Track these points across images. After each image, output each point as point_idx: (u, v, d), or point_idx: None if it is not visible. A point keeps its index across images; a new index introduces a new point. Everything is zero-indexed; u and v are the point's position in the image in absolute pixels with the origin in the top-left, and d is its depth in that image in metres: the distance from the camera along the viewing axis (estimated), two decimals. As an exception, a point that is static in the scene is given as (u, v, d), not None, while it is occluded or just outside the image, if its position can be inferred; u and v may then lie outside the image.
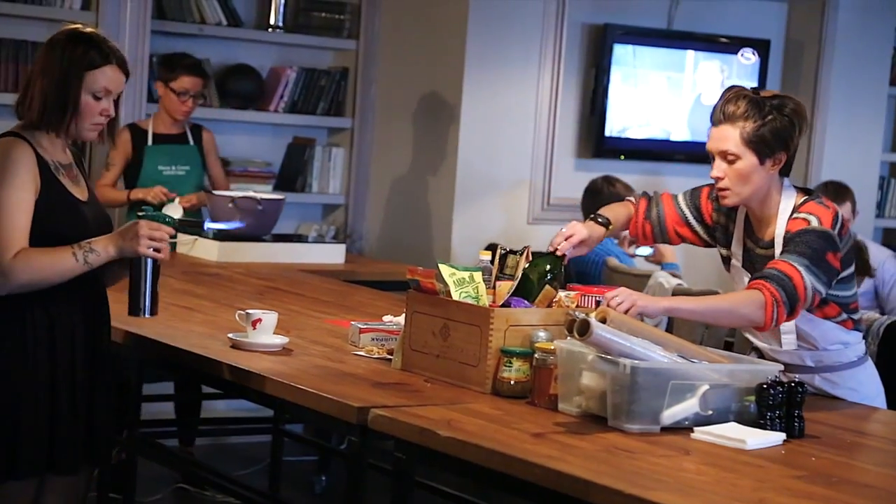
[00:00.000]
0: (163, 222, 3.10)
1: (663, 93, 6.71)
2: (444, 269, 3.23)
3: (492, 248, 3.40)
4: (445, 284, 3.22)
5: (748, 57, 6.86)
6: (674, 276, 5.20)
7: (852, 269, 3.25)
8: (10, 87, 5.69)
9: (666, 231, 3.46)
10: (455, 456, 2.68)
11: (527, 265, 3.20)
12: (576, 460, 2.56)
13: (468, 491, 4.37)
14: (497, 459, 2.60)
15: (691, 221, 3.43)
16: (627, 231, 3.55)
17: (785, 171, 3.25)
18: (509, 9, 6.23)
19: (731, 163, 3.20)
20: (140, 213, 3.17)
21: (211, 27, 6.18)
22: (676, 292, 4.99)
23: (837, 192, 5.81)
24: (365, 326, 3.57)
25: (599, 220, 3.39)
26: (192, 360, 3.34)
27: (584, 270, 5.71)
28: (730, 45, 6.84)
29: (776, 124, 3.17)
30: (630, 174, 6.18)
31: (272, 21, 6.38)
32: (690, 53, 6.76)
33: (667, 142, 6.72)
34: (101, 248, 3.03)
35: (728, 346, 4.37)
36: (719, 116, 3.21)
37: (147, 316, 3.14)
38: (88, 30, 3.12)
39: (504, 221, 6.28)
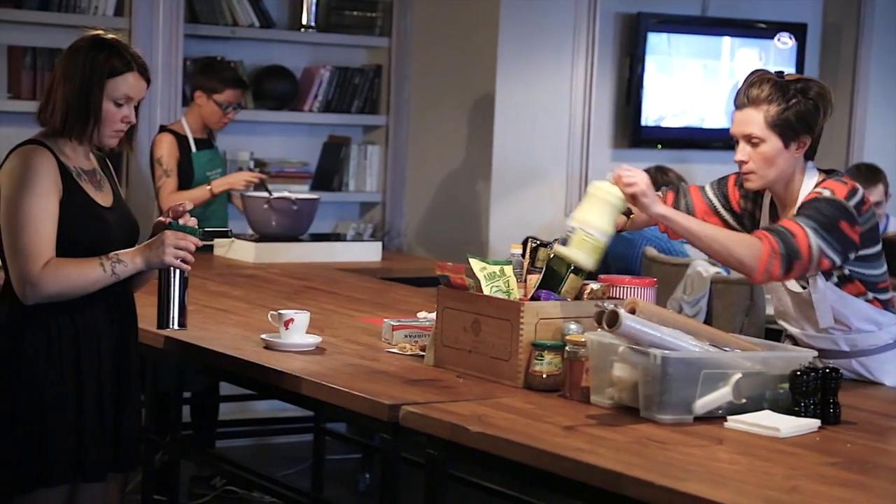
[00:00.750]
0: (189, 233, 3.10)
1: (699, 81, 6.66)
2: (475, 264, 3.22)
3: (526, 241, 3.38)
4: (476, 279, 3.20)
5: (785, 42, 6.80)
6: (712, 264, 5.16)
7: (878, 248, 3.22)
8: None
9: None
10: (486, 451, 2.67)
11: (551, 256, 3.18)
12: (607, 452, 2.54)
13: (505, 485, 4.35)
14: (527, 454, 2.58)
15: (720, 210, 3.40)
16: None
17: (810, 155, 3.23)
18: (541, 0, 6.20)
19: (755, 146, 3.19)
20: (170, 224, 3.17)
21: (243, 29, 6.20)
22: (715, 281, 4.95)
23: (869, 174, 5.76)
24: (398, 323, 3.56)
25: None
26: (224, 362, 3.35)
27: (623, 259, 5.68)
28: (766, 31, 6.78)
29: (801, 107, 3.15)
30: (668, 163, 6.13)
31: (304, 21, 6.39)
32: (726, 40, 6.71)
33: (704, 130, 6.67)
34: (129, 260, 3.03)
35: (770, 334, 4.31)
36: (743, 100, 3.20)
37: (175, 328, 3.13)
38: (110, 36, 3.11)
39: (541, 214, 6.26)
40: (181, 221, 3.10)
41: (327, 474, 5.23)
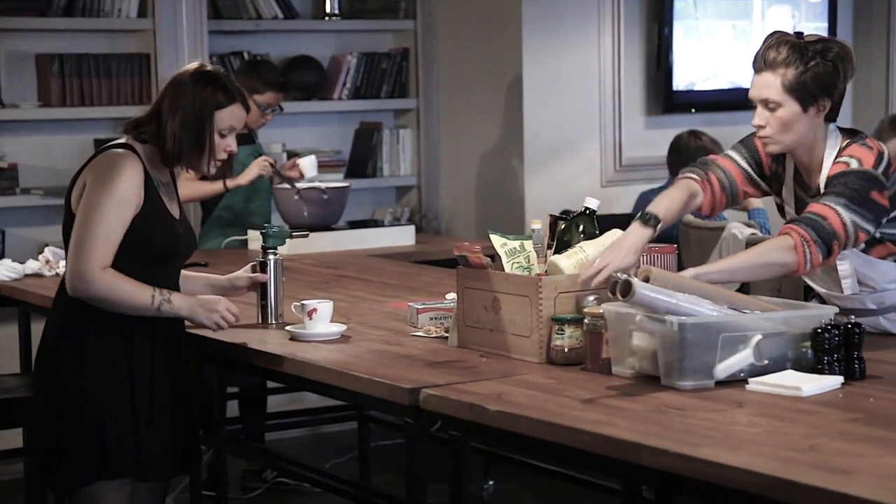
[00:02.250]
0: (280, 242, 3.57)
1: (729, 42, 6.58)
2: (496, 240, 3.20)
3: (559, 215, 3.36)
4: (497, 256, 3.19)
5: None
6: (748, 225, 5.10)
7: None
8: (76, 101, 5.78)
9: (737, 195, 3.36)
10: (505, 429, 2.66)
11: (562, 227, 3.16)
12: (625, 423, 2.52)
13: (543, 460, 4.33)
14: (545, 429, 2.56)
15: (755, 177, 3.34)
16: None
17: (831, 117, 3.16)
18: (563, -28, 6.16)
19: (772, 110, 3.13)
20: (263, 232, 3.61)
21: (267, 21, 6.21)
22: (750, 242, 4.90)
23: (889, 127, 5.64)
24: (422, 307, 3.55)
25: (648, 220, 3.14)
26: (249, 356, 3.36)
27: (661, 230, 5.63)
28: (796, -14, 6.69)
29: (819, 70, 3.07)
30: (703, 127, 6.07)
31: (328, 9, 6.39)
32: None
33: (737, 90, 6.58)
34: (178, 303, 3.18)
35: (810, 293, 4.24)
36: (760, 63, 3.13)
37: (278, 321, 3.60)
38: (211, 68, 3.26)
39: (577, 186, 6.22)
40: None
41: (375, 461, 5.24)
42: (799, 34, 3.16)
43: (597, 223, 3.18)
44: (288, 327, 3.47)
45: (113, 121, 5.80)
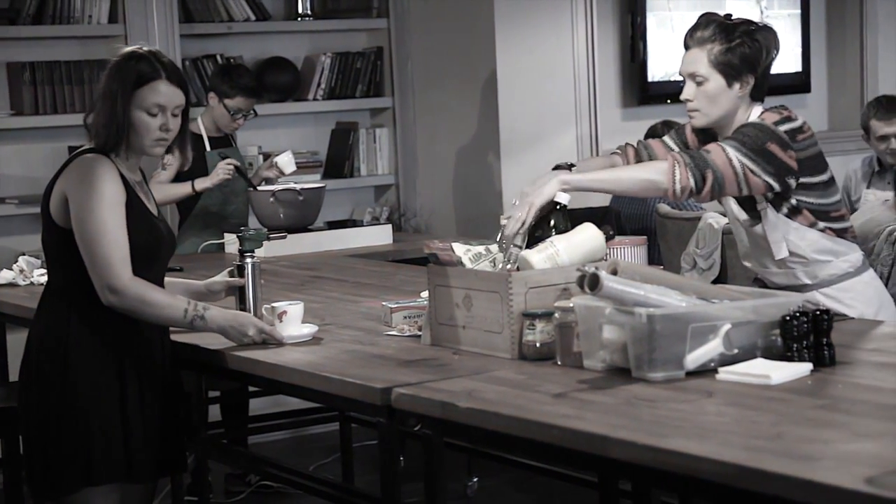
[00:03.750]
0: (257, 244, 3.51)
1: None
2: (458, 248, 3.20)
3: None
4: (462, 263, 3.19)
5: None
6: (723, 215, 5.10)
7: (825, 176, 3.27)
8: (48, 109, 5.76)
9: None
10: (476, 426, 2.65)
11: (532, 223, 3.16)
12: (594, 416, 2.52)
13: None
14: (515, 425, 2.56)
15: None
16: None
17: (757, 96, 3.31)
18: (534, -35, 6.16)
19: (699, 84, 3.30)
20: (240, 235, 3.52)
21: (239, 24, 6.19)
22: (726, 231, 4.91)
23: (888, 107, 5.66)
24: (396, 305, 3.55)
25: (565, 166, 3.36)
26: (224, 360, 3.35)
27: (638, 218, 5.65)
28: (766, -26, 6.70)
29: (744, 49, 3.25)
30: (679, 118, 6.06)
31: (300, 10, 6.38)
32: (730, -14, 6.63)
33: (712, 79, 6.58)
34: (210, 320, 3.19)
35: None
36: (689, 41, 3.33)
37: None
38: (144, 49, 3.17)
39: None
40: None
41: (359, 461, 5.24)
42: (728, 16, 3.35)
43: (568, 218, 3.18)
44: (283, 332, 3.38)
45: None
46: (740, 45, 3.26)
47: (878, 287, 3.41)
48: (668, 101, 6.52)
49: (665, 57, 6.49)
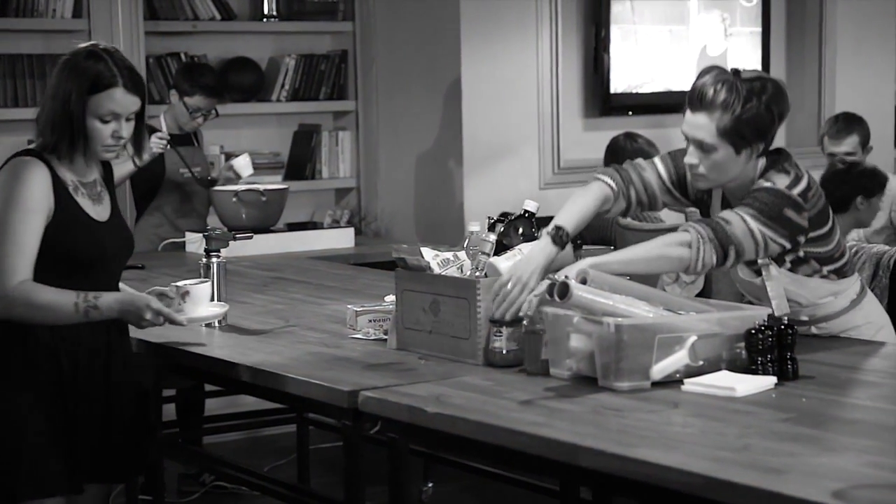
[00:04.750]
0: (224, 244, 3.53)
1: (666, 46, 6.63)
2: (427, 252, 3.22)
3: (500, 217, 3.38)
4: (431, 268, 3.20)
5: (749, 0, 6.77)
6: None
7: (829, 226, 3.17)
8: (9, 102, 5.72)
9: (655, 204, 3.35)
10: (443, 431, 2.67)
11: (502, 231, 3.18)
12: (562, 424, 2.54)
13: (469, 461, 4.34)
14: (483, 431, 2.58)
15: (674, 192, 3.33)
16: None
17: (763, 153, 3.15)
18: (501, -25, 6.18)
19: (706, 152, 3.10)
20: (206, 234, 3.57)
21: (205, 23, 6.17)
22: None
23: (843, 124, 5.75)
24: (361, 309, 3.55)
25: (558, 238, 3.10)
26: (186, 358, 3.34)
27: (598, 229, 5.67)
28: (730, -10, 6.76)
29: (753, 114, 3.05)
30: (640, 129, 6.11)
31: (266, 10, 6.36)
32: (691, 3, 6.68)
33: (673, 93, 6.64)
34: (105, 308, 2.98)
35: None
36: (696, 103, 3.08)
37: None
38: (101, 47, 3.01)
39: (516, 189, 6.24)
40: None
41: (316, 463, 5.23)
42: (735, 71, 3.11)
43: (535, 225, 3.20)
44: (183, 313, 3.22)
45: (48, 122, 5.76)
46: (750, 111, 3.04)
47: (877, 312, 3.34)
48: (630, 112, 6.56)
49: (628, 69, 6.54)
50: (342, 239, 5.58)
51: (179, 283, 3.24)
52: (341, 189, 6.64)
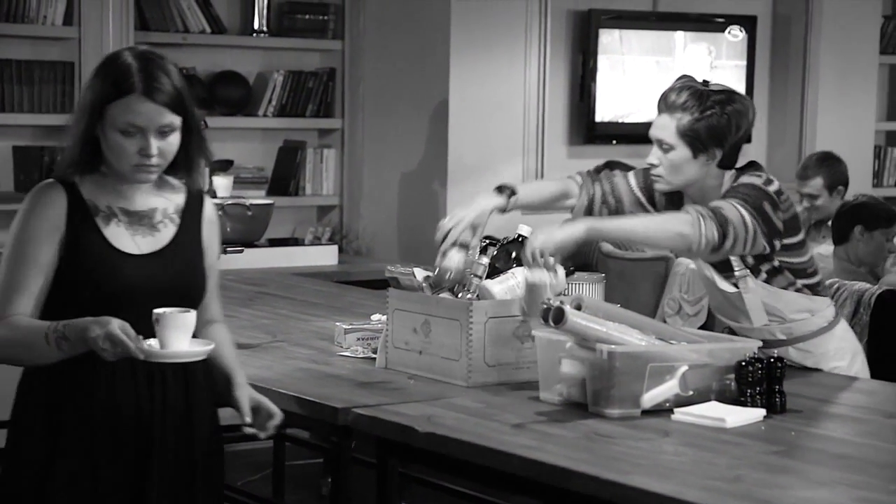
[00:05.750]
0: None
1: (652, 76, 6.68)
2: (419, 273, 3.24)
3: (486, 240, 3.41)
4: (422, 288, 3.23)
5: (735, 34, 6.84)
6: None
7: (801, 236, 3.28)
8: (-3, 107, 5.72)
9: (622, 213, 3.44)
10: (435, 452, 2.68)
11: (495, 254, 3.21)
12: (555, 449, 2.56)
13: (462, 483, 4.36)
14: (476, 453, 2.60)
15: (644, 203, 3.43)
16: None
17: (726, 165, 3.26)
18: (492, -1, 6.23)
19: (665, 151, 3.25)
20: None
21: (195, 35, 6.18)
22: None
23: (814, 165, 5.82)
24: (349, 327, 3.57)
25: (503, 190, 3.39)
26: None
27: (578, 255, 5.70)
28: (717, 24, 6.82)
29: (713, 121, 3.19)
30: (625, 158, 6.16)
31: (256, 26, 6.37)
32: (678, 35, 6.74)
33: (658, 124, 6.69)
34: (74, 337, 2.47)
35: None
36: (661, 105, 3.26)
37: None
38: (137, 50, 2.62)
39: (498, 214, 6.25)
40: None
41: (290, 479, 5.23)
42: (705, 82, 3.27)
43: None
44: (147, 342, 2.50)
45: (34, 128, 5.75)
46: (709, 118, 3.18)
47: (850, 338, 3.42)
48: (614, 141, 6.61)
49: (614, 98, 6.58)
50: (326, 256, 5.60)
51: (157, 311, 2.52)
52: (324, 206, 6.64)
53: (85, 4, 5.80)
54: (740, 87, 6.89)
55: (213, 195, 5.51)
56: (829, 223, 5.82)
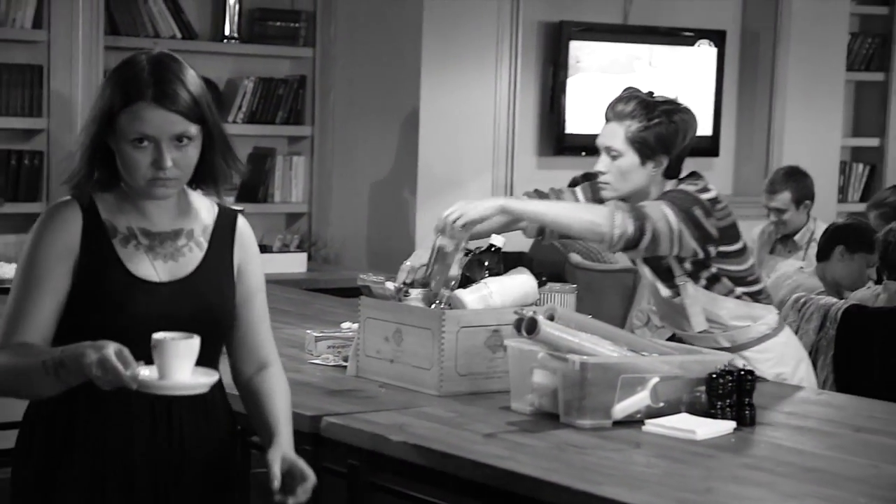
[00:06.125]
0: None
1: (621, 88, 6.71)
2: (391, 282, 3.24)
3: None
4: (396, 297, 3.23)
5: (705, 49, 6.88)
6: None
7: (741, 244, 3.36)
8: (-35, 110, 5.68)
9: None
10: (407, 460, 2.68)
11: (466, 263, 3.22)
12: (526, 459, 2.57)
13: (433, 494, 4.36)
14: (448, 462, 2.60)
15: None
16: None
17: (671, 175, 3.35)
18: (464, 9, 6.23)
19: (614, 158, 3.33)
20: None
21: (165, 41, 6.15)
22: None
23: (782, 180, 5.86)
24: (320, 334, 3.56)
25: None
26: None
27: (548, 265, 5.72)
28: (686, 38, 6.86)
29: (660, 129, 3.29)
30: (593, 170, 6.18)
31: (227, 32, 6.36)
32: (647, 47, 6.78)
33: (627, 136, 6.73)
34: (71, 363, 2.17)
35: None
36: (609, 114, 3.35)
37: None
38: (152, 53, 2.37)
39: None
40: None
41: (256, 487, 5.20)
42: (650, 93, 3.37)
43: (502, 260, 3.23)
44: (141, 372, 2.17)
45: (1, 132, 5.70)
46: (657, 125, 3.28)
47: (794, 345, 3.50)
48: (583, 153, 6.63)
49: (584, 109, 6.61)
50: (294, 264, 5.59)
51: (157, 335, 2.22)
52: (293, 214, 6.63)
53: (55, 8, 5.77)
54: (709, 101, 6.94)
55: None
56: (795, 238, 5.88)
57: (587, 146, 6.61)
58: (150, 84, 2.30)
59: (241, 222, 2.52)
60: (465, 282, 3.22)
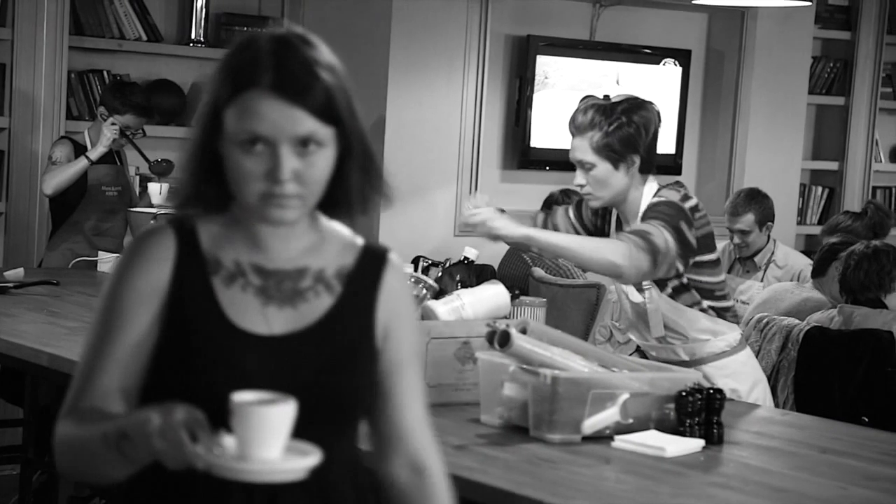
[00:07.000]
0: None
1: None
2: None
3: (416, 261, 3.41)
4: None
5: (670, 67, 6.92)
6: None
7: (715, 255, 3.38)
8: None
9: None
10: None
11: (440, 275, 3.21)
12: (497, 472, 2.56)
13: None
14: (418, 473, 2.58)
15: (577, 228, 3.55)
16: None
17: (647, 169, 3.38)
18: (432, 20, 6.24)
19: (588, 170, 3.36)
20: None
21: (130, 42, 6.12)
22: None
23: (744, 202, 5.88)
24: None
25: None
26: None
27: (511, 279, 5.73)
28: (652, 56, 6.90)
29: (622, 132, 3.31)
30: (557, 185, 6.20)
31: (193, 36, 6.33)
32: (613, 64, 6.81)
33: (591, 152, 6.75)
34: (135, 432, 1.64)
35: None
36: (572, 129, 3.38)
37: None
38: (266, 33, 1.80)
39: (431, 233, 6.28)
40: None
41: None
42: (606, 97, 3.41)
43: (475, 273, 3.24)
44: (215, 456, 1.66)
45: (-37, 129, 5.66)
46: (618, 129, 3.30)
47: (753, 366, 3.52)
48: (548, 167, 6.65)
49: (549, 123, 6.63)
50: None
51: (237, 396, 1.67)
52: (255, 220, 6.59)
53: (20, 6, 5.72)
54: (673, 120, 6.98)
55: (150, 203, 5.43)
56: (756, 258, 5.92)
57: (551, 160, 6.69)
58: (270, 68, 1.75)
59: (393, 266, 1.94)
60: (438, 293, 3.22)
